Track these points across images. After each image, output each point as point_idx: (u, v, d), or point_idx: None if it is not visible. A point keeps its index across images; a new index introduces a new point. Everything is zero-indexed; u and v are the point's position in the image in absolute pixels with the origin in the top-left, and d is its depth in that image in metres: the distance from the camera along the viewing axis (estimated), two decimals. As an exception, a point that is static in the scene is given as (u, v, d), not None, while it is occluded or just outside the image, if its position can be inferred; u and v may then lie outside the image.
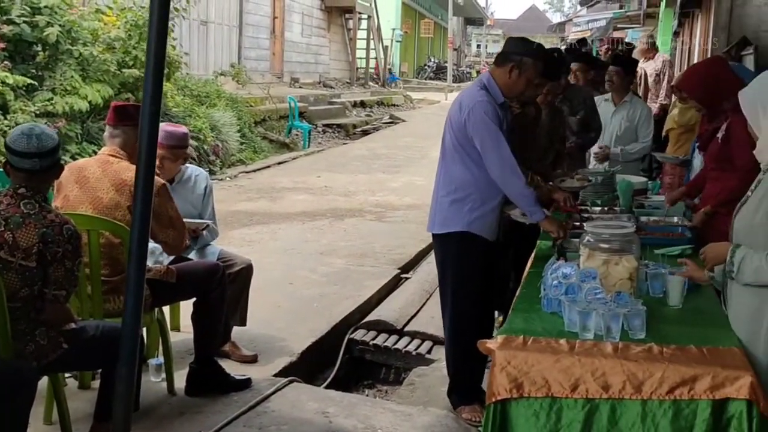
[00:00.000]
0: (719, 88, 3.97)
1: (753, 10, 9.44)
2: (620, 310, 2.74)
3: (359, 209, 9.40)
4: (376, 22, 28.61)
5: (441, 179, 3.99)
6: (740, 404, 2.43)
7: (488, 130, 3.73)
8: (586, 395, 2.56)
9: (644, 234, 4.09)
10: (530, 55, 3.87)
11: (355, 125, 18.71)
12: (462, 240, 3.89)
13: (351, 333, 5.31)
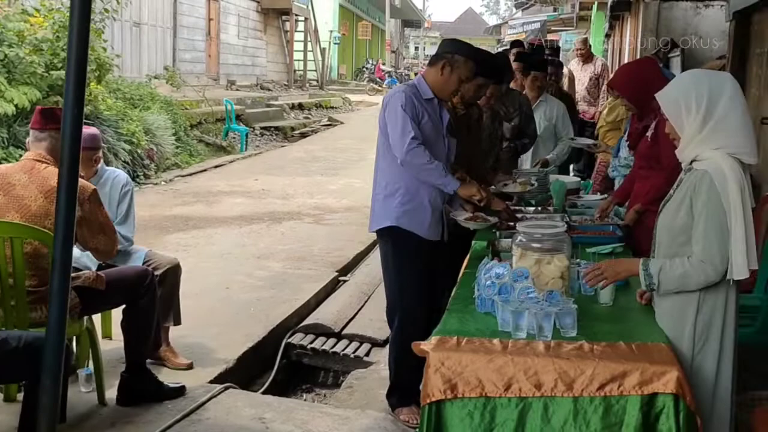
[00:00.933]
0: (649, 87, 4.03)
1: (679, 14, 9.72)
2: (552, 309, 2.76)
3: (297, 212, 9.34)
4: (314, 24, 28.53)
5: (376, 177, 4.01)
6: (668, 398, 2.48)
7: (396, 114, 3.76)
8: (519, 394, 2.58)
9: (577, 233, 4.15)
10: (462, 53, 3.89)
11: (294, 128, 18.61)
12: (392, 235, 3.92)
13: (288, 337, 5.26)
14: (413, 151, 3.71)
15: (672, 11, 9.78)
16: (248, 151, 15.16)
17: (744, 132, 2.70)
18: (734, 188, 2.60)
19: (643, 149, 4.11)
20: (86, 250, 3.70)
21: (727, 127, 2.68)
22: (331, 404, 4.49)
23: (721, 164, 2.64)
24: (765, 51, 6.10)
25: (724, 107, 2.68)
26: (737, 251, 2.61)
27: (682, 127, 2.76)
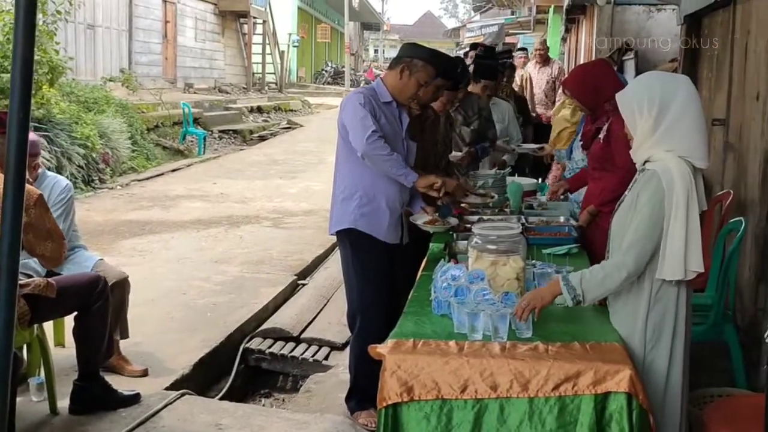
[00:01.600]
0: (601, 88, 4.08)
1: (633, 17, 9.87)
2: (507, 310, 2.78)
3: (256, 216, 9.27)
4: (272, 26, 28.39)
5: (336, 180, 4.00)
6: (621, 397, 2.50)
7: (354, 111, 3.75)
8: (476, 396, 2.58)
9: (533, 234, 4.19)
10: (421, 57, 3.90)
11: (252, 131, 18.49)
12: (351, 237, 3.90)
13: (246, 342, 5.22)
14: (374, 142, 3.68)
15: (625, 14, 9.94)
16: (206, 154, 15.03)
17: (696, 136, 2.72)
18: (680, 190, 2.64)
19: (596, 150, 4.14)
20: (33, 257, 3.62)
21: (679, 131, 2.71)
22: (290, 409, 4.46)
23: (671, 166, 2.68)
24: (715, 54, 6.22)
25: (677, 111, 2.71)
26: (672, 252, 2.64)
27: (635, 128, 2.79)
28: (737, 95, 5.39)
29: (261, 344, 5.21)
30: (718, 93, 6.01)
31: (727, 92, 5.63)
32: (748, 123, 5.04)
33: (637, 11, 9.85)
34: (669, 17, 9.51)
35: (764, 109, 4.54)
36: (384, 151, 3.72)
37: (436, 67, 3.96)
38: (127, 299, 4.37)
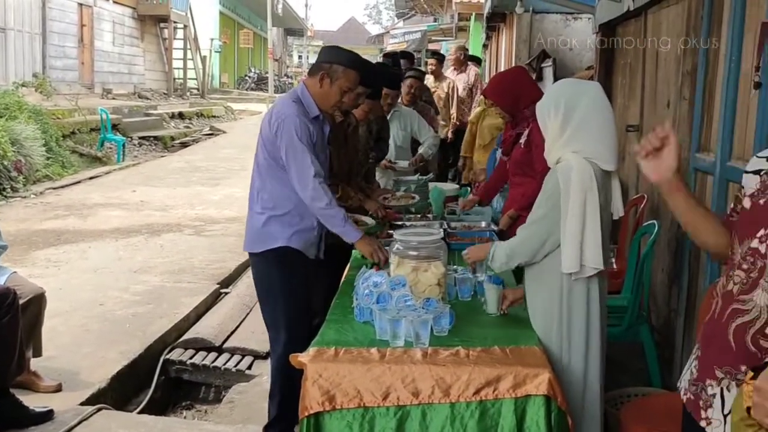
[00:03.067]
0: (520, 95, 4.16)
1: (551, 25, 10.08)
2: (428, 316, 2.79)
3: (177, 224, 9.09)
4: (193, 31, 27.96)
5: (257, 195, 3.69)
6: (540, 400, 2.54)
7: (294, 148, 3.53)
8: (398, 402, 2.58)
9: (455, 239, 4.23)
10: (341, 62, 3.67)
11: (174, 137, 18.15)
12: (281, 256, 3.64)
13: (167, 353, 5.10)
14: (317, 193, 3.52)
15: (543, 23, 10.15)
16: (126, 161, 14.67)
17: (601, 139, 2.83)
18: (577, 188, 2.73)
19: (516, 156, 4.21)
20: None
21: (584, 134, 2.82)
22: (212, 420, 4.39)
23: (572, 165, 2.78)
24: (628, 62, 6.40)
25: (582, 114, 2.82)
26: (567, 245, 2.76)
27: (546, 130, 2.91)
28: (649, 102, 5.56)
29: (182, 355, 5.10)
30: (631, 100, 6.19)
31: (640, 99, 5.80)
32: (660, 129, 5.19)
33: (554, 19, 10.08)
34: (585, 25, 9.77)
35: (675, 115, 4.69)
36: (323, 203, 3.54)
37: (359, 71, 3.76)
38: (42, 315, 4.21)
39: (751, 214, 1.94)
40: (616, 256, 5.21)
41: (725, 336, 1.91)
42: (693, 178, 4.26)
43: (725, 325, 1.92)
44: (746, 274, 1.89)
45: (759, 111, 3.26)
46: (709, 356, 1.99)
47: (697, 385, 2.02)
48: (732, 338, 1.90)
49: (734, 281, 1.93)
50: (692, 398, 2.03)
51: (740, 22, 3.57)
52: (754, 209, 1.94)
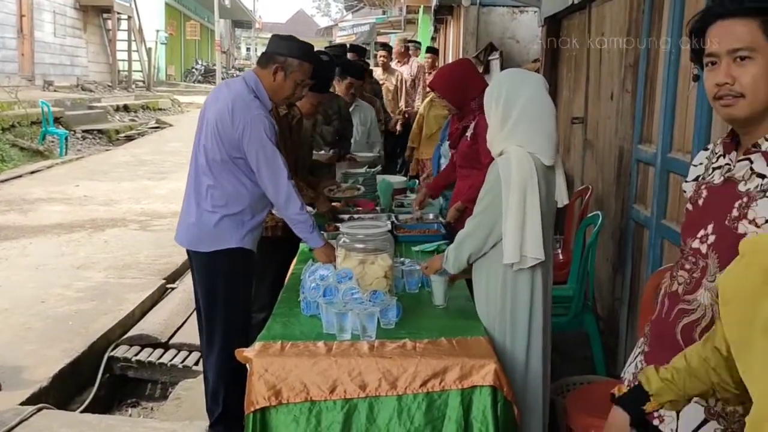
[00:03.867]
0: (466, 87, 4.17)
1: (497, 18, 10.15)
2: (375, 308, 2.78)
3: (122, 219, 8.92)
4: (138, 22, 27.46)
5: (206, 192, 3.51)
6: (486, 391, 2.55)
7: (266, 152, 3.41)
8: (345, 396, 2.57)
9: (403, 232, 4.24)
10: (296, 55, 3.54)
11: (119, 130, 17.80)
12: (234, 256, 3.53)
13: (111, 350, 5.00)
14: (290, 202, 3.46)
15: (490, 16, 10.21)
16: (68, 155, 14.34)
17: (540, 134, 2.86)
18: (516, 180, 2.76)
19: (463, 149, 4.22)
20: None
21: (524, 127, 2.85)
22: (157, 418, 4.32)
23: (512, 157, 2.80)
24: (573, 55, 6.48)
25: (522, 107, 2.85)
26: (507, 236, 2.79)
27: (489, 121, 2.93)
28: (593, 95, 5.64)
29: (127, 352, 5.01)
30: (576, 92, 6.26)
31: (585, 92, 5.88)
32: (604, 121, 5.28)
33: (501, 12, 10.15)
34: (531, 19, 9.86)
35: (618, 107, 4.76)
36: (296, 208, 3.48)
37: (312, 63, 3.66)
38: None
39: (691, 216, 1.99)
40: (563, 247, 5.29)
41: (673, 336, 1.94)
42: (635, 169, 4.33)
43: (672, 324, 1.95)
44: (689, 275, 1.93)
45: (698, 103, 3.33)
46: (658, 355, 2.02)
47: None
48: (680, 337, 1.93)
49: (678, 281, 1.96)
50: None
51: (680, 16, 3.63)
52: (694, 211, 1.98)
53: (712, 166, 1.99)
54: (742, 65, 1.77)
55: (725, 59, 1.80)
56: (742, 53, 1.77)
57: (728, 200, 1.86)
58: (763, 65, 1.76)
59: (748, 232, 1.79)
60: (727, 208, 1.85)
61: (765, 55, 1.75)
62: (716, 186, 1.92)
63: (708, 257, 1.88)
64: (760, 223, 1.77)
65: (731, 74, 1.79)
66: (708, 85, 1.85)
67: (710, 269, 1.88)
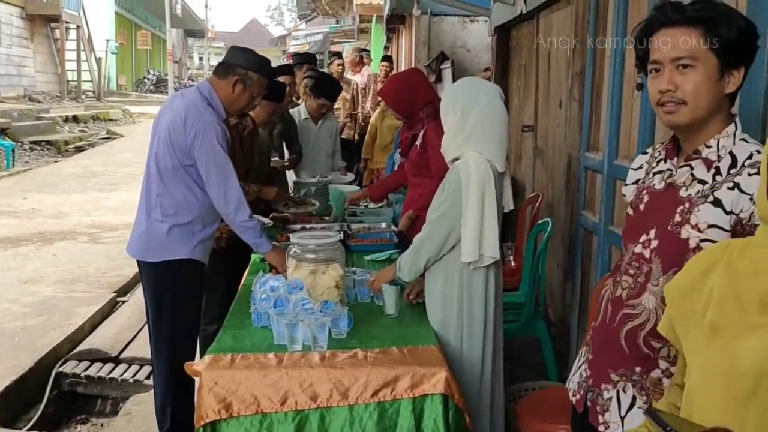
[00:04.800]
0: (415, 96, 4.19)
1: (448, 27, 10.22)
2: (326, 318, 2.77)
3: (71, 231, 8.77)
4: (87, 32, 27.05)
5: (155, 201, 3.48)
6: (437, 399, 2.55)
7: (216, 159, 3.37)
8: (296, 407, 2.55)
9: (355, 241, 4.23)
10: (256, 70, 3.53)
11: (68, 142, 17.50)
12: (184, 268, 3.48)
13: (60, 366, 4.91)
14: (239, 210, 3.42)
15: (441, 25, 10.28)
16: (16, 167, 14.05)
17: (494, 141, 2.93)
18: (475, 182, 2.83)
19: (413, 157, 4.24)
20: None
21: (480, 134, 2.91)
22: (108, 434, 4.24)
23: (471, 161, 2.87)
24: (523, 63, 6.56)
25: (478, 115, 2.91)
26: (467, 236, 2.85)
27: (446, 128, 2.98)
28: (543, 102, 5.72)
29: (76, 367, 4.93)
30: (526, 101, 6.34)
31: (535, 100, 5.95)
32: (553, 129, 5.35)
33: (452, 22, 10.22)
34: (482, 28, 9.94)
35: (566, 115, 4.83)
36: (245, 216, 3.44)
37: (269, 77, 3.70)
38: None
39: (632, 220, 2.02)
40: (514, 254, 5.34)
41: (617, 341, 1.97)
42: (584, 176, 4.39)
43: (617, 330, 1.97)
44: (633, 279, 1.96)
45: (642, 111, 3.39)
46: (603, 361, 2.05)
47: (593, 391, 2.07)
48: (624, 342, 1.95)
49: (622, 287, 1.99)
50: (588, 404, 2.09)
51: (623, 25, 3.70)
52: (635, 216, 2.02)
53: (653, 170, 2.03)
54: (684, 73, 1.82)
55: (668, 67, 1.84)
56: (684, 61, 1.81)
57: (670, 205, 1.90)
58: (704, 73, 1.80)
59: (691, 237, 1.83)
60: (670, 214, 1.89)
61: (706, 64, 1.80)
62: (658, 191, 1.96)
63: (652, 262, 1.91)
64: (702, 228, 1.81)
65: (674, 81, 1.83)
66: (651, 92, 1.89)
67: (654, 273, 1.91)
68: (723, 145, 1.85)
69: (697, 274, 1.48)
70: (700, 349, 1.45)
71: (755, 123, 2.37)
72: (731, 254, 1.43)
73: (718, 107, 1.84)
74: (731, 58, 1.80)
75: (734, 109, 1.93)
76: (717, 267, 1.44)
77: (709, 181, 1.84)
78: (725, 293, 1.40)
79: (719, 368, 1.38)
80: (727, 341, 1.38)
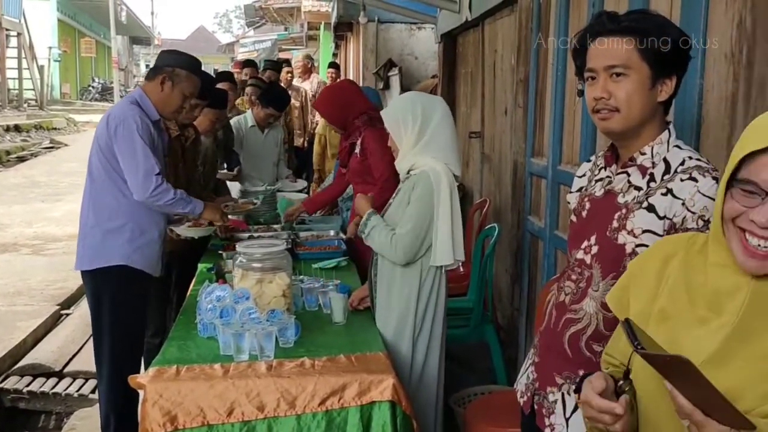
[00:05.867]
0: (349, 107, 4.29)
1: (396, 35, 10.28)
2: (273, 328, 2.75)
3: (13, 243, 8.56)
4: (28, 39, 26.49)
5: (90, 207, 3.46)
6: (385, 406, 2.56)
7: (134, 145, 3.34)
8: (243, 418, 2.52)
9: (304, 249, 4.22)
10: (184, 66, 3.54)
11: (9, 152, 17.08)
12: (119, 275, 3.41)
13: (1, 382, 4.77)
14: (158, 193, 3.36)
15: (389, 32, 10.33)
16: (-46, 178, 13.70)
17: (451, 147, 3.05)
18: (445, 188, 2.95)
19: (354, 165, 4.30)
20: None
21: (438, 142, 3.01)
22: (51, 451, 4.14)
23: (438, 168, 2.97)
24: (469, 71, 6.62)
25: (436, 125, 3.02)
26: (441, 240, 2.96)
27: (401, 140, 3.05)
28: (489, 109, 5.78)
29: (18, 383, 4.79)
30: (473, 108, 6.40)
31: (481, 107, 6.01)
32: (499, 135, 5.41)
33: (399, 29, 10.28)
34: (429, 35, 10.02)
35: (512, 122, 4.89)
36: (168, 196, 3.40)
37: (200, 77, 3.64)
38: None
39: (575, 227, 2.06)
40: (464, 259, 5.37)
41: (561, 345, 2.00)
42: (529, 182, 4.45)
43: (560, 334, 2.01)
44: (575, 285, 1.99)
45: (583, 117, 3.45)
46: (548, 365, 2.08)
47: (539, 394, 2.10)
48: (568, 346, 1.99)
49: (565, 292, 2.03)
50: (535, 406, 2.11)
51: (564, 33, 3.76)
52: (578, 223, 2.06)
53: (595, 178, 2.07)
54: (617, 81, 1.86)
55: (603, 75, 1.88)
56: (618, 70, 1.85)
57: (609, 212, 1.94)
58: (637, 82, 1.84)
59: (627, 243, 1.87)
60: (608, 220, 1.93)
61: (639, 73, 1.84)
62: (598, 198, 2.00)
63: (592, 267, 1.95)
64: (637, 233, 1.85)
65: (607, 89, 1.87)
66: (588, 99, 1.93)
67: (594, 279, 1.95)
68: (657, 152, 1.89)
69: (659, 259, 1.52)
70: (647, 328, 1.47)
71: (689, 130, 2.43)
72: (692, 247, 1.48)
73: (652, 115, 1.89)
74: (664, 68, 1.85)
75: (669, 116, 1.98)
76: (677, 255, 1.49)
77: (644, 188, 1.88)
78: (679, 283, 1.45)
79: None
80: (673, 328, 1.42)
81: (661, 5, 2.71)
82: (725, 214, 1.37)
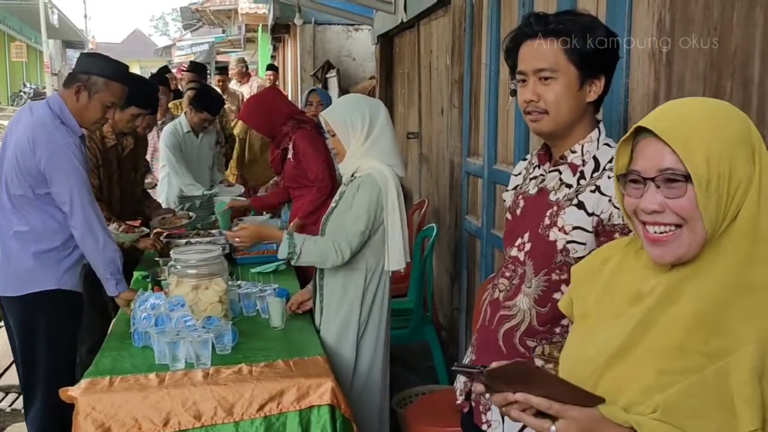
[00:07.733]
0: (273, 115, 4.32)
1: (333, 36, 10.26)
2: (209, 335, 2.71)
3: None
4: (-44, 44, 25.69)
5: (12, 231, 3.17)
6: (324, 410, 2.54)
7: (79, 186, 3.09)
8: (179, 427, 2.48)
9: (241, 254, 4.17)
10: (102, 74, 3.19)
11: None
12: (54, 299, 3.21)
13: (-72, 400, 4.61)
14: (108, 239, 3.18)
15: (326, 34, 10.31)
16: None
17: (394, 149, 3.08)
18: (393, 191, 2.97)
19: (289, 170, 4.30)
20: None
21: (382, 144, 3.03)
22: (-17, 468, 4.01)
23: (383, 170, 2.98)
24: (406, 72, 6.65)
25: (380, 127, 3.03)
26: (395, 243, 2.97)
27: (349, 142, 3.03)
28: (426, 110, 5.81)
29: (-53, 399, 4.64)
30: (411, 108, 6.43)
31: (418, 107, 6.04)
32: (436, 136, 5.44)
33: (336, 30, 10.26)
34: (366, 37, 10.02)
35: (448, 122, 4.92)
36: (113, 247, 3.21)
37: (125, 83, 3.30)
38: None
39: (510, 225, 2.09)
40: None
41: (496, 341, 2.02)
42: (466, 181, 4.49)
43: (495, 331, 2.02)
44: (509, 282, 2.01)
45: (516, 117, 3.49)
46: (484, 362, 2.07)
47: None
48: (502, 343, 2.00)
49: (500, 289, 2.04)
50: (473, 404, 2.13)
51: (497, 33, 3.80)
52: (513, 221, 2.08)
53: (530, 176, 2.10)
54: (546, 84, 1.88)
55: (532, 78, 1.90)
56: (546, 73, 1.87)
57: (541, 209, 1.96)
58: (564, 84, 1.87)
59: (558, 239, 1.90)
60: (540, 217, 1.95)
61: (566, 75, 1.86)
62: (532, 196, 2.02)
63: (525, 264, 1.97)
64: (568, 230, 1.88)
65: (536, 92, 1.89)
66: (519, 101, 1.96)
67: (527, 275, 1.97)
68: (587, 150, 1.92)
69: (598, 262, 1.54)
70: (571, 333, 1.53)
71: (617, 127, 2.48)
72: (629, 251, 1.49)
73: (581, 115, 1.91)
74: (591, 69, 1.87)
75: (599, 115, 2.01)
76: (613, 259, 1.51)
77: (574, 185, 1.91)
78: (608, 284, 1.47)
79: (572, 353, 1.47)
80: (592, 325, 1.45)
81: (588, 5, 2.76)
82: (626, 210, 1.39)
